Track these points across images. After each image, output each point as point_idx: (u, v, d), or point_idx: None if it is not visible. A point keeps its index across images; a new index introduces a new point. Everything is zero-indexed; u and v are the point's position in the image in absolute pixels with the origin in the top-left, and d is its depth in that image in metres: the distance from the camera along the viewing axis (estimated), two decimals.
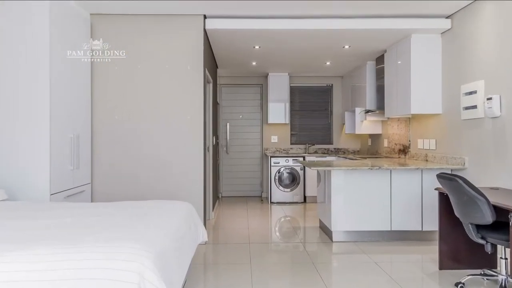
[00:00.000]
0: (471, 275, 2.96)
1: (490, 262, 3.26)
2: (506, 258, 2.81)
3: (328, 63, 6.24)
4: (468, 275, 2.95)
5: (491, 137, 3.53)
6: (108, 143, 4.12)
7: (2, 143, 3.22)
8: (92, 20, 4.06)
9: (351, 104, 6.76)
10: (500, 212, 2.61)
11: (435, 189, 3.37)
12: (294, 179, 6.74)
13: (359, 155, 6.79)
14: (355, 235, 4.19)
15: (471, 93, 3.76)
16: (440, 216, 3.30)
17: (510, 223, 2.46)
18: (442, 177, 2.89)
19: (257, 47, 5.14)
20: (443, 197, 3.27)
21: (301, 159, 6.75)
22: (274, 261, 3.67)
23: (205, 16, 4.20)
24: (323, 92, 7.57)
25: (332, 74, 7.35)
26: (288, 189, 6.73)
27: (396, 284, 2.99)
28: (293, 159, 6.72)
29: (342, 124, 7.39)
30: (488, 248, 2.73)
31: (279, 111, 7.10)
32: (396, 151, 5.59)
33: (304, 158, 6.81)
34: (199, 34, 4.17)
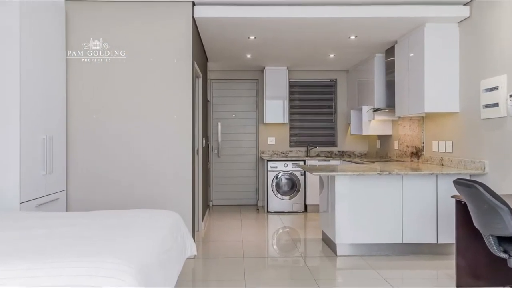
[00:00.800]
0: None
1: None
2: None
3: (331, 56, 6.27)
4: None
5: None
6: (85, 145, 4.10)
7: None
8: (66, 7, 4.04)
9: (358, 102, 6.79)
10: None
11: (452, 196, 3.39)
12: (293, 186, 6.75)
13: (366, 158, 6.82)
14: (362, 248, 4.20)
15: (492, 89, 3.79)
16: (457, 227, 3.32)
17: None
18: (460, 183, 2.90)
19: (252, 38, 5.14)
20: (460, 205, 3.28)
21: (301, 163, 6.76)
22: (271, 277, 3.67)
23: (193, 3, 4.20)
24: (326, 88, 7.60)
25: (336, 68, 7.38)
26: (287, 197, 6.74)
27: None
28: (292, 163, 6.73)
29: (348, 124, 7.41)
30: (511, 263, 2.74)
31: (276, 110, 7.12)
32: (408, 154, 5.62)
33: (304, 162, 6.83)
34: (187, 23, 4.17)
